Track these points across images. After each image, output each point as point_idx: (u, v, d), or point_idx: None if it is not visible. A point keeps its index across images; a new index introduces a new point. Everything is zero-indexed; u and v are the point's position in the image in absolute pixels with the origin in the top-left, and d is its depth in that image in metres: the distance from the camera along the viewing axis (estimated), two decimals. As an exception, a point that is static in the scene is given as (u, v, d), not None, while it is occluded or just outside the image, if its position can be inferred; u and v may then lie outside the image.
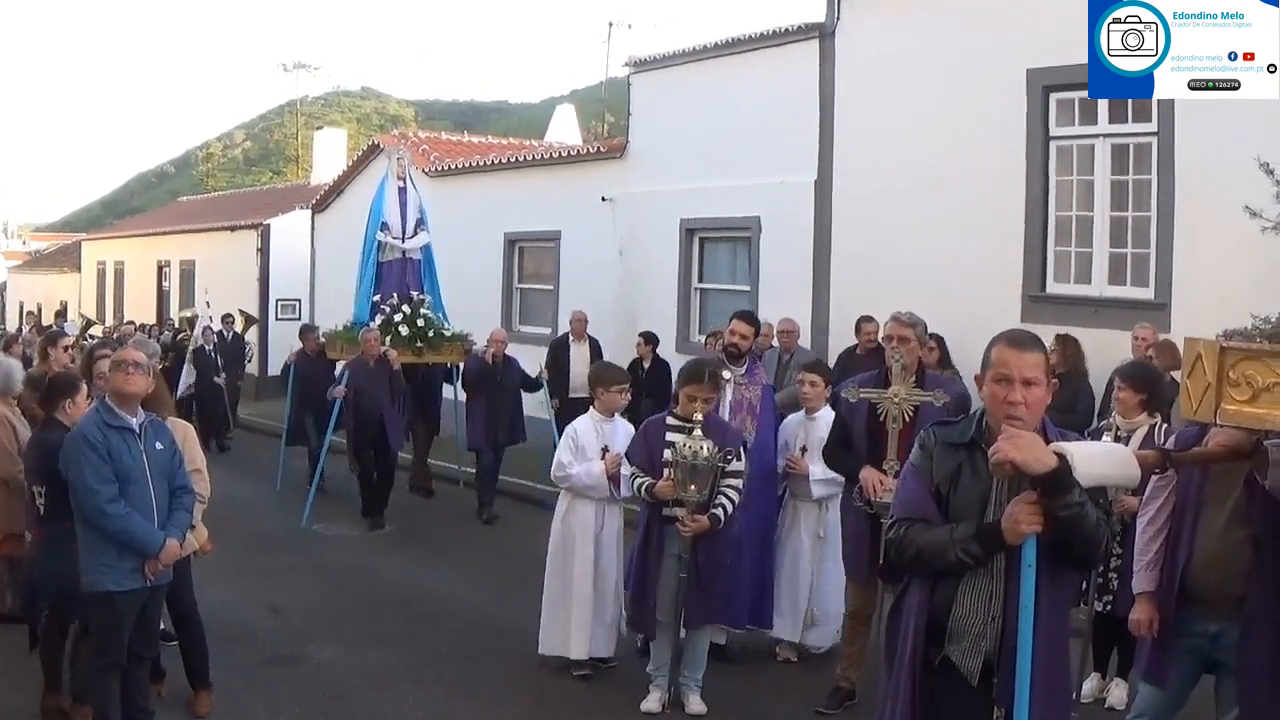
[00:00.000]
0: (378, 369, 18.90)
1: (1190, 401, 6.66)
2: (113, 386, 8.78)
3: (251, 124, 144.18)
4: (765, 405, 11.90)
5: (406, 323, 20.40)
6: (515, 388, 19.89)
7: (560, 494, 11.52)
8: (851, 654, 10.38)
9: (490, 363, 19.43)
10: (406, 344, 20.13)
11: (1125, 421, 9.95)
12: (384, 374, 18.92)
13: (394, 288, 21.18)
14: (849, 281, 19.43)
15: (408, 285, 21.34)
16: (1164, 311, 15.17)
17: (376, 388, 18.78)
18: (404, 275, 21.45)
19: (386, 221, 21.44)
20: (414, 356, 20.24)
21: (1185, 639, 7.39)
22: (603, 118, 55.43)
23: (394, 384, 19.08)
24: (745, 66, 21.66)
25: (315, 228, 36.24)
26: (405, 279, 21.42)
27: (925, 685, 5.53)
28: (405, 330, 20.30)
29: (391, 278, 21.37)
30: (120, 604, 8.66)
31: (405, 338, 20.21)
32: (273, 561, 16.01)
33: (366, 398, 18.66)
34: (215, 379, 27.19)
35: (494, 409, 19.30)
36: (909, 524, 5.54)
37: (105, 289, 54.22)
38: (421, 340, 20.47)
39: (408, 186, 21.91)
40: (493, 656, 11.88)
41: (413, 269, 21.60)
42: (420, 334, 20.48)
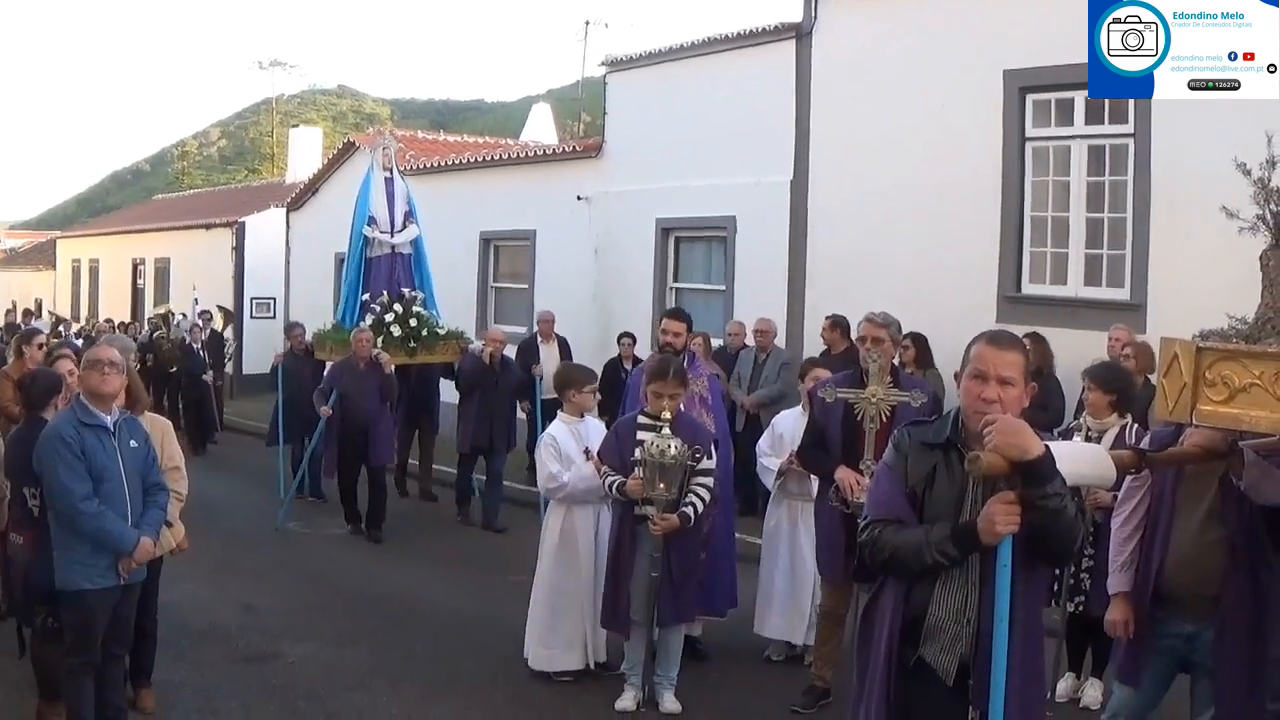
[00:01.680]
0: (367, 372, 17.93)
1: (1166, 402, 6.66)
2: (88, 386, 8.72)
3: (227, 122, 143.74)
4: (715, 395, 12.06)
5: (399, 322, 19.49)
6: (511, 391, 19.33)
7: (551, 505, 11.39)
8: (825, 653, 10.38)
9: (487, 363, 18.76)
10: (399, 345, 19.25)
11: (1096, 422, 9.97)
12: (374, 378, 17.93)
13: (383, 285, 20.20)
14: (825, 281, 19.43)
15: (398, 281, 20.35)
16: (1140, 313, 15.20)
17: (364, 393, 17.78)
18: (394, 271, 20.44)
19: (373, 215, 20.43)
20: (407, 357, 19.42)
21: (1160, 639, 7.40)
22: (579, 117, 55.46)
23: (385, 389, 18.09)
24: (722, 66, 21.65)
25: (290, 226, 36.18)
26: (395, 275, 20.42)
27: (900, 686, 5.53)
28: (398, 330, 19.38)
29: (380, 274, 20.34)
30: (94, 602, 8.63)
31: (398, 338, 19.31)
32: (247, 560, 15.97)
33: (353, 403, 17.74)
34: (204, 377, 26.91)
35: (487, 412, 18.65)
36: (883, 525, 5.54)
37: (80, 287, 54.13)
38: (415, 340, 19.60)
39: (394, 177, 21.00)
40: (469, 656, 11.86)
41: (403, 264, 20.60)
42: (413, 333, 19.60)
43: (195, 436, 25.93)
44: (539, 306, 24.06)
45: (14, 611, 10.01)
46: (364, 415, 17.74)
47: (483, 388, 18.73)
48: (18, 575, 9.49)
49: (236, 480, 22.71)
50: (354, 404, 17.76)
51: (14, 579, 9.65)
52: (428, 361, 20.17)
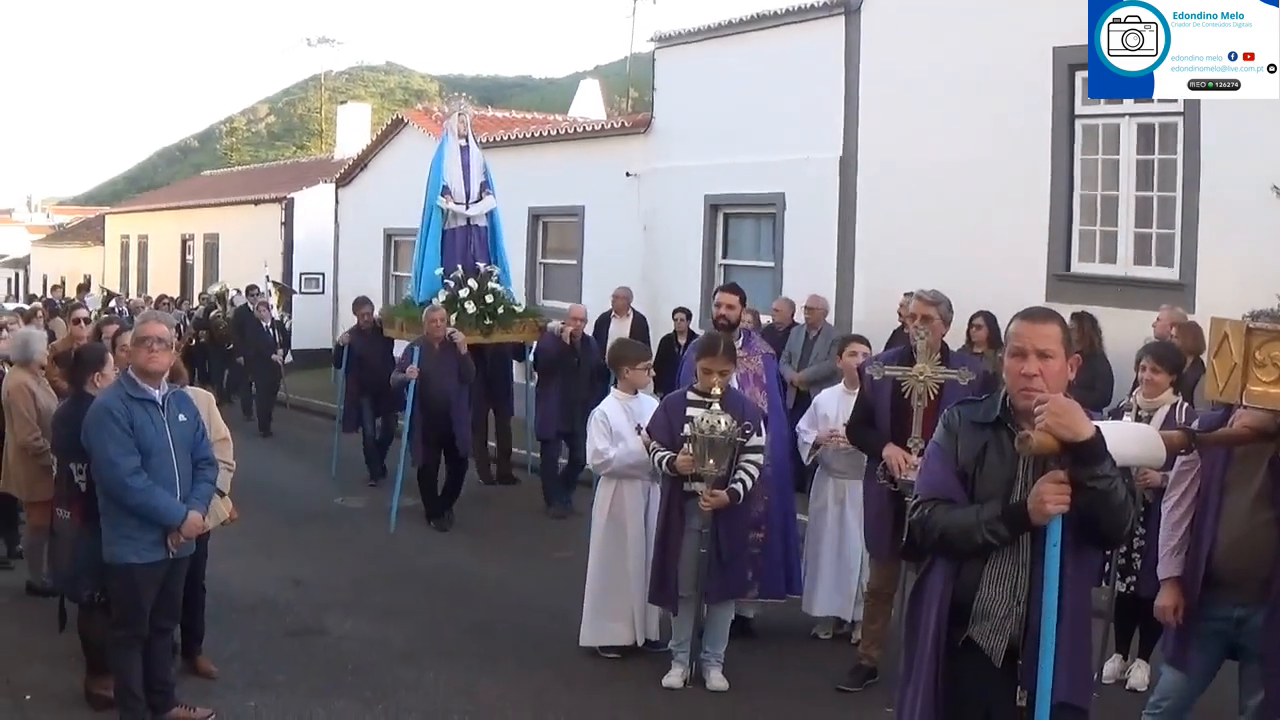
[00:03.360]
0: (443, 353, 16.80)
1: (1216, 382, 6.64)
2: (136, 363, 8.75)
3: (275, 98, 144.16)
4: (769, 373, 12.00)
5: (473, 298, 18.49)
6: (592, 372, 17.76)
7: (600, 480, 11.37)
8: (873, 632, 10.37)
9: (568, 343, 17.81)
10: (474, 323, 18.20)
11: (1147, 401, 9.89)
12: (450, 359, 16.82)
13: (458, 259, 19.06)
14: (873, 258, 19.40)
15: (473, 255, 19.20)
16: (1188, 292, 15.10)
17: (443, 375, 16.65)
18: (468, 244, 19.27)
19: (448, 184, 19.26)
20: (482, 336, 18.31)
21: (1209, 623, 7.36)
22: (627, 93, 55.30)
23: (462, 370, 16.96)
24: (771, 42, 21.60)
25: (339, 201, 36.23)
26: (470, 248, 19.26)
27: (948, 666, 5.52)
28: (472, 307, 18.35)
29: (455, 248, 19.18)
30: (141, 576, 8.69)
31: (472, 315, 18.26)
32: (295, 535, 16.04)
33: (432, 386, 16.59)
34: (273, 357, 26.20)
35: (568, 395, 17.56)
36: (934, 504, 5.52)
37: (129, 263, 54.43)
38: (490, 318, 18.50)
39: (470, 145, 19.89)
40: (515, 632, 11.88)
41: (479, 237, 19.40)
42: (489, 311, 18.53)
43: (264, 418, 25.78)
44: (587, 282, 24.04)
45: (60, 585, 10.07)
46: (444, 399, 16.70)
47: (563, 369, 17.80)
48: (65, 549, 9.54)
49: (287, 456, 22.83)
50: (433, 387, 16.66)
51: (61, 553, 9.70)
52: (504, 341, 19.22)
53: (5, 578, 13.18)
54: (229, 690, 10.03)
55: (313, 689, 10.17)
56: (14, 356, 12.48)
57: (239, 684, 10.18)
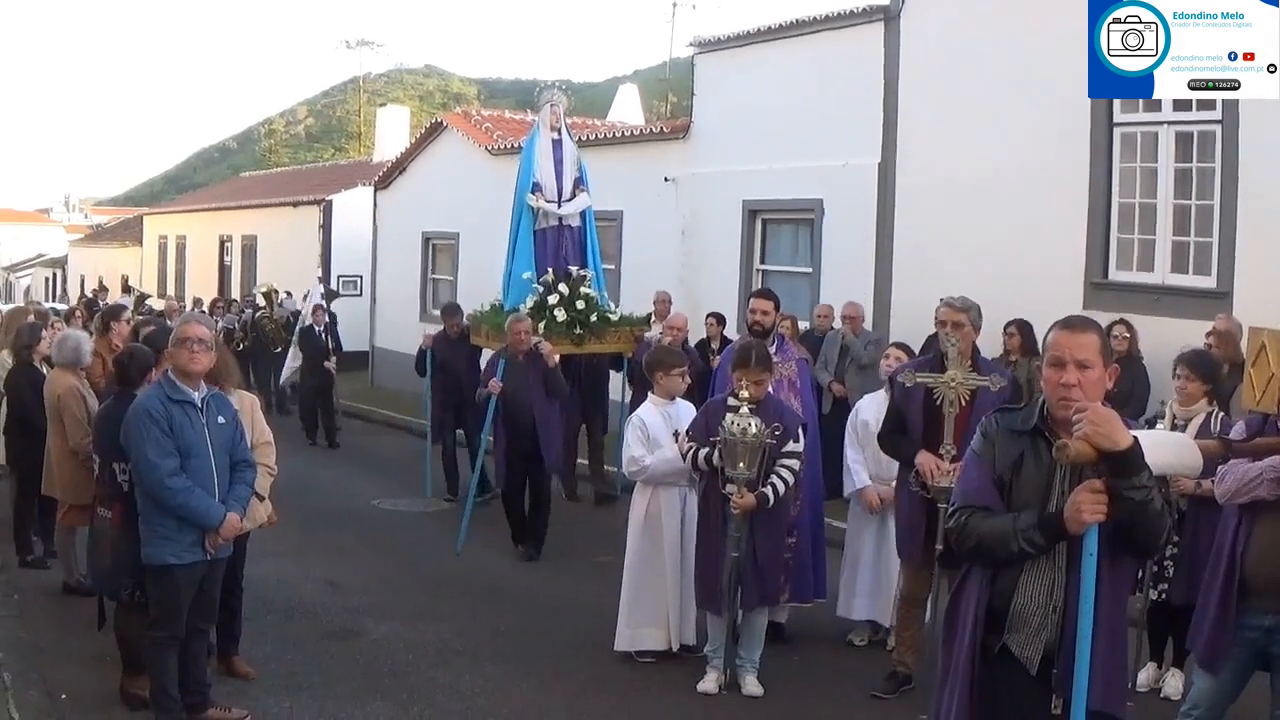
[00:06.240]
0: (528, 366, 15.37)
1: (1254, 391, 6.64)
2: (176, 364, 8.80)
3: (314, 100, 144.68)
4: (804, 379, 12.10)
5: (564, 305, 17.10)
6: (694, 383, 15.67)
7: (637, 487, 11.37)
8: (906, 638, 10.37)
9: None
10: (564, 331, 16.90)
11: (1182, 410, 9.89)
12: (536, 372, 15.39)
13: (549, 261, 17.64)
14: (911, 265, 19.37)
15: (565, 258, 17.81)
16: (1226, 301, 15.05)
17: (527, 389, 15.21)
18: (560, 246, 17.89)
19: (539, 181, 17.74)
20: (573, 346, 17.10)
21: (1242, 630, 7.36)
22: (666, 98, 55.48)
23: (551, 385, 15.52)
24: (810, 48, 21.59)
25: (378, 204, 36.22)
26: (562, 250, 17.86)
27: (983, 673, 5.53)
28: (562, 315, 16.97)
29: (546, 250, 17.73)
30: (179, 577, 8.74)
31: (562, 324, 16.92)
32: (334, 538, 16.04)
33: (516, 401, 15.22)
34: (326, 364, 24.91)
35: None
36: (970, 512, 5.53)
37: (167, 263, 54.61)
38: (582, 326, 17.16)
39: (564, 139, 18.31)
40: (551, 636, 11.90)
41: (571, 238, 18.01)
42: (580, 319, 17.16)
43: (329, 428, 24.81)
44: (625, 287, 24.04)
45: (99, 584, 10.12)
46: (528, 415, 15.24)
47: None
48: (105, 548, 9.59)
49: (328, 459, 22.94)
50: (516, 402, 15.26)
51: (101, 552, 9.75)
52: (597, 352, 17.99)
53: (43, 578, 13.27)
54: (265, 692, 10.08)
55: (349, 691, 10.22)
56: (63, 359, 12.49)
57: (275, 685, 10.24)
